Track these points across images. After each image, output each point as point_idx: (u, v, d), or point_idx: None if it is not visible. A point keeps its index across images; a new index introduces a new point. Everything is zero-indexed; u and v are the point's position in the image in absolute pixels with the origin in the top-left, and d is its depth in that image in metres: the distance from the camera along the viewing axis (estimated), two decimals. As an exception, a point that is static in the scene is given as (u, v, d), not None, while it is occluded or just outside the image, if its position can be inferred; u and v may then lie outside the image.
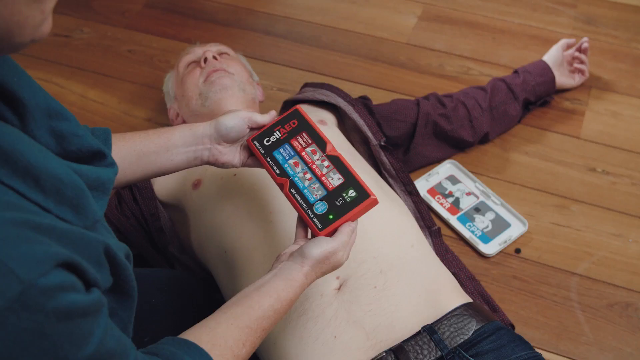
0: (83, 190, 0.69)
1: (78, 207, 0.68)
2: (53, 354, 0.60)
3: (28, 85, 0.73)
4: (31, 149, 0.66)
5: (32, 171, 0.64)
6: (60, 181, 0.67)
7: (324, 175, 0.97)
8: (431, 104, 1.55)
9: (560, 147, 1.61)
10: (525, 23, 1.92)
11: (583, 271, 1.38)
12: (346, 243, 0.93)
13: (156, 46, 1.94)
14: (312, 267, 0.91)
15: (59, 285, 0.60)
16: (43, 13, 0.63)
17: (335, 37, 1.93)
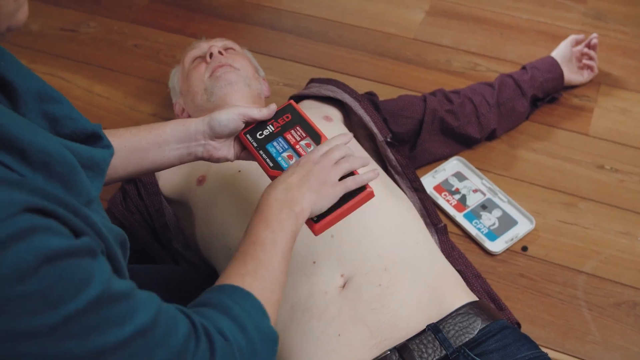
0: (74, 166, 0.68)
1: (69, 183, 0.67)
2: (44, 299, 0.58)
3: (17, 70, 0.73)
4: (15, 122, 0.65)
5: (16, 144, 0.63)
6: (48, 155, 0.65)
7: None
8: (438, 100, 1.54)
9: (569, 144, 1.59)
10: (533, 18, 1.90)
11: (590, 269, 1.37)
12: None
13: (162, 41, 1.94)
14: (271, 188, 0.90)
15: (29, 227, 0.57)
16: (17, 1, 0.63)
17: (342, 32, 1.92)
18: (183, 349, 0.69)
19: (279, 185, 0.91)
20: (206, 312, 0.76)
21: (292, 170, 0.93)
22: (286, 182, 0.91)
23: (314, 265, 1.10)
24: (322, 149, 0.96)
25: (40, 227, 0.59)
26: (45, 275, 0.58)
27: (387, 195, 1.20)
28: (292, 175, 0.92)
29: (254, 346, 0.75)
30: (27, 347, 0.59)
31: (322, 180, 0.91)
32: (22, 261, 0.57)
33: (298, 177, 0.91)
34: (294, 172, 0.92)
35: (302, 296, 1.07)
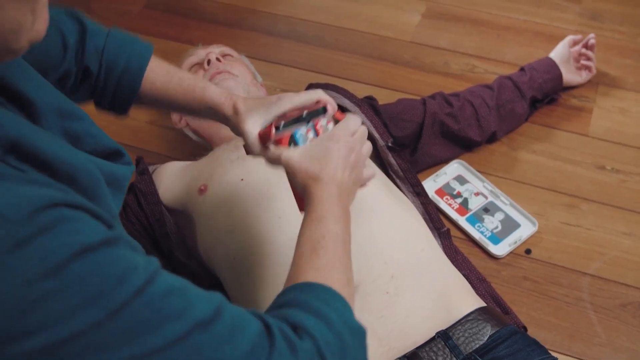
0: (99, 179, 0.67)
1: (94, 196, 0.65)
2: (84, 292, 0.55)
3: (37, 85, 0.71)
4: (39, 134, 0.64)
5: (40, 157, 0.61)
6: (74, 168, 0.64)
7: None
8: (438, 103, 1.53)
9: (569, 145, 1.59)
10: (530, 19, 1.90)
11: (594, 271, 1.36)
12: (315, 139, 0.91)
13: (157, 48, 1.89)
14: (311, 181, 0.85)
15: (58, 219, 0.55)
16: (34, 13, 0.61)
17: (339, 36, 1.91)
18: (255, 348, 0.63)
19: (333, 185, 0.85)
20: (285, 312, 0.70)
21: (331, 157, 0.87)
22: (337, 181, 0.86)
23: (319, 273, 1.09)
24: (350, 126, 0.91)
25: (69, 219, 0.56)
26: (78, 268, 0.55)
27: (391, 202, 1.19)
28: (337, 170, 0.86)
29: (343, 342, 0.69)
30: (71, 348, 0.55)
31: (360, 168, 0.91)
32: (50, 254, 0.54)
33: (341, 165, 0.87)
34: (337, 162, 0.87)
35: None
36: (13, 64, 0.69)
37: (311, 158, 0.87)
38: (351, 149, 0.89)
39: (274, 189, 1.19)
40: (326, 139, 0.89)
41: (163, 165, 1.42)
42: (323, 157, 0.87)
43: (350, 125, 0.91)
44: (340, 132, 0.90)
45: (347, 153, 0.88)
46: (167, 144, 1.67)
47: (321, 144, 0.89)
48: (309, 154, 0.88)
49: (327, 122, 0.95)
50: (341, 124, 0.92)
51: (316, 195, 0.84)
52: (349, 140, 0.89)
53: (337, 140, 0.88)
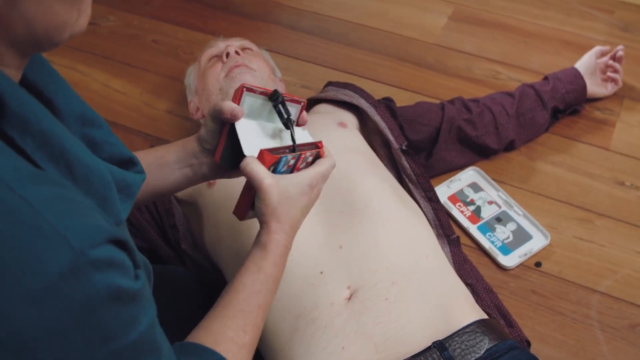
0: (110, 184, 0.69)
1: (105, 200, 0.68)
2: (100, 332, 0.60)
3: (64, 92, 0.73)
4: (67, 135, 0.66)
5: (66, 156, 0.64)
6: (90, 171, 0.66)
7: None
8: (456, 109, 1.51)
9: (588, 158, 1.56)
10: (558, 27, 1.87)
11: (605, 289, 1.34)
12: (297, 176, 0.90)
13: (182, 37, 1.93)
14: (274, 219, 0.87)
15: (109, 260, 0.59)
16: (80, 11, 0.64)
17: (363, 34, 1.89)
18: None
19: (292, 230, 0.90)
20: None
21: (303, 203, 0.91)
22: (296, 221, 0.90)
23: (321, 275, 1.08)
24: (328, 172, 0.95)
25: (116, 263, 0.60)
26: (108, 311, 0.60)
27: (398, 207, 1.18)
28: (304, 215, 0.92)
29: None
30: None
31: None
32: (96, 292, 0.58)
33: (306, 212, 0.92)
34: (306, 209, 0.92)
35: (307, 306, 1.06)
36: (43, 70, 0.72)
37: (288, 198, 0.88)
38: (317, 195, 0.93)
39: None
40: (306, 182, 0.90)
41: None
42: (296, 202, 0.89)
43: (329, 171, 0.94)
44: (321, 178, 0.92)
45: (314, 200, 0.92)
46: (184, 133, 1.67)
47: (300, 185, 0.89)
48: (286, 191, 0.88)
49: (310, 155, 0.93)
50: (322, 168, 0.92)
51: (270, 240, 0.88)
52: (320, 187, 0.93)
53: (313, 186, 0.91)
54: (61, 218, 0.57)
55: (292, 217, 0.88)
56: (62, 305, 0.57)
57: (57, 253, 0.56)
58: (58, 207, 0.58)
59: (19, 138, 0.61)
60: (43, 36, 0.61)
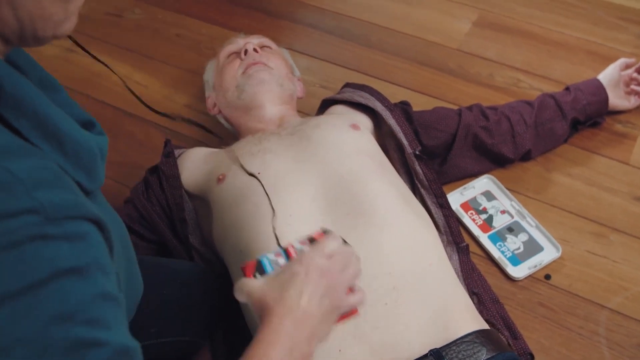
0: (96, 155, 0.73)
1: (91, 171, 0.72)
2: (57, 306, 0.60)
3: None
4: (58, 114, 0.70)
5: (58, 135, 0.68)
6: (80, 146, 0.71)
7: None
8: (473, 115, 1.49)
9: (607, 172, 1.53)
10: (584, 37, 1.84)
11: (615, 306, 1.31)
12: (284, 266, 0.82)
13: (205, 32, 1.94)
14: (263, 311, 0.76)
15: (83, 234, 0.61)
16: (66, 12, 0.68)
17: (384, 37, 1.88)
18: None
19: (290, 314, 0.75)
20: None
21: (295, 282, 0.78)
22: (299, 309, 0.76)
23: (322, 276, 1.08)
24: (326, 247, 0.83)
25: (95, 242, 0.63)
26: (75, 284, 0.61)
27: (405, 213, 1.17)
28: (302, 296, 0.76)
29: None
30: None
31: (338, 295, 0.80)
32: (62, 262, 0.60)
33: (309, 291, 0.77)
34: (301, 287, 0.77)
35: None
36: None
37: (273, 284, 0.78)
38: (324, 272, 0.79)
39: (291, 186, 1.19)
40: (295, 261, 0.80)
41: (189, 149, 1.43)
42: (286, 281, 0.77)
43: (327, 246, 0.82)
44: (312, 253, 0.81)
45: (317, 277, 0.78)
46: (201, 129, 1.68)
47: (288, 268, 0.80)
48: (272, 281, 0.79)
49: (302, 243, 0.86)
50: (314, 246, 0.83)
51: (266, 327, 0.74)
52: (321, 263, 0.80)
53: (306, 263, 0.79)
54: (40, 187, 0.60)
55: (286, 301, 0.76)
56: (25, 268, 0.58)
57: (28, 218, 0.58)
58: (39, 177, 0.61)
59: (14, 119, 0.64)
60: (28, 26, 0.64)
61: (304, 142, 1.27)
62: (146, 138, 1.67)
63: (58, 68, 1.84)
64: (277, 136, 1.31)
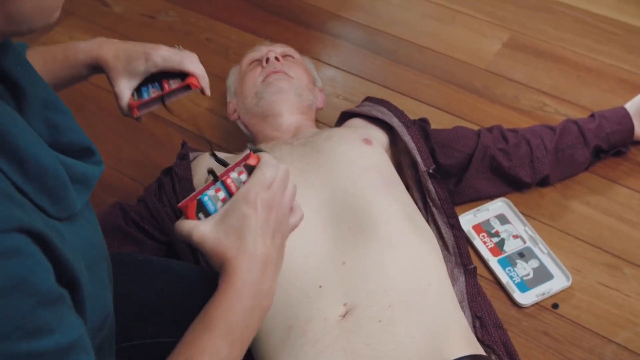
0: (65, 183, 0.70)
1: (57, 198, 0.69)
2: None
3: (30, 76, 0.75)
4: (24, 133, 0.68)
5: (19, 154, 0.65)
6: (45, 171, 0.68)
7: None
8: (492, 137, 1.47)
9: (627, 203, 1.50)
10: (616, 64, 1.80)
11: (622, 341, 1.28)
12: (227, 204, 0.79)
13: (234, 38, 1.96)
14: (223, 262, 0.77)
15: (15, 248, 0.57)
16: (59, 0, 0.67)
17: (413, 52, 1.88)
18: None
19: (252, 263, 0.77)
20: None
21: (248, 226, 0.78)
22: (260, 256, 0.78)
23: (319, 289, 1.08)
24: (266, 178, 0.80)
25: (24, 254, 0.59)
26: (8, 302, 0.57)
27: (409, 231, 1.16)
28: (258, 241, 0.78)
29: None
30: None
31: (284, 223, 0.82)
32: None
33: (261, 233, 0.79)
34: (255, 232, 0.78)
35: (301, 318, 1.05)
36: (11, 52, 0.73)
37: (226, 232, 0.78)
38: (270, 206, 0.79)
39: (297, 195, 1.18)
40: (241, 200, 0.78)
41: (204, 153, 1.45)
42: (240, 228, 0.77)
43: (267, 176, 0.80)
44: (255, 188, 0.79)
45: (266, 215, 0.79)
46: (222, 133, 1.70)
47: (236, 209, 0.78)
48: (223, 227, 0.78)
49: (239, 172, 0.82)
50: (254, 178, 0.80)
51: (231, 279, 0.76)
52: (266, 197, 0.79)
53: (253, 201, 0.78)
54: None
55: (242, 247, 0.78)
56: None
57: None
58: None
59: None
60: (29, 18, 0.63)
61: (315, 154, 1.27)
62: (166, 138, 1.69)
63: (89, 65, 1.88)
64: (289, 146, 1.31)
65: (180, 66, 1.02)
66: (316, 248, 1.12)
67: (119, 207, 1.39)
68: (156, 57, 1.02)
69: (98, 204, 1.41)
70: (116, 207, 1.39)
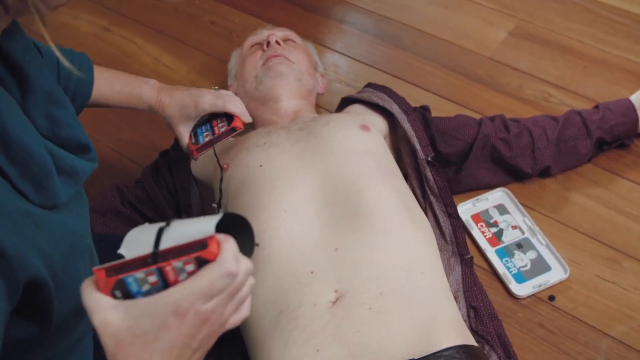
0: (50, 172, 0.71)
1: (40, 186, 0.69)
2: None
3: (38, 68, 0.76)
4: (14, 117, 0.68)
5: (4, 137, 0.66)
6: (29, 155, 0.68)
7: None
8: (494, 126, 1.46)
9: (629, 196, 1.48)
10: (623, 55, 1.78)
11: (618, 335, 1.27)
12: (155, 301, 0.62)
13: (238, 21, 1.94)
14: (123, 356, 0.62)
15: None
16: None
17: (418, 39, 1.86)
18: None
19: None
20: None
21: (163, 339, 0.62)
22: None
23: (311, 274, 1.07)
24: (214, 286, 0.62)
25: None
26: None
27: (403, 219, 1.14)
28: (165, 353, 0.62)
29: None
30: None
31: (212, 340, 0.66)
32: None
33: (176, 354, 0.63)
34: (165, 344, 0.62)
35: (291, 303, 1.05)
36: (23, 43, 0.74)
37: (134, 335, 0.61)
38: (204, 321, 0.63)
39: (290, 182, 1.18)
40: (169, 305, 0.61)
41: (203, 136, 1.44)
42: (153, 339, 0.61)
43: (214, 287, 0.62)
44: (193, 297, 0.61)
45: (194, 331, 0.63)
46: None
47: (158, 313, 0.61)
48: (134, 328, 0.61)
49: (185, 263, 0.62)
50: (198, 282, 0.61)
51: None
52: (203, 310, 0.62)
53: (183, 312, 0.61)
54: None
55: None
56: None
57: None
58: None
59: None
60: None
61: (311, 139, 1.26)
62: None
63: (91, 45, 1.87)
64: (286, 130, 1.30)
65: (224, 109, 1.20)
66: (309, 234, 1.11)
67: (116, 188, 1.39)
68: (204, 104, 1.21)
69: (97, 185, 1.42)
70: (113, 188, 1.39)
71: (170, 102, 1.23)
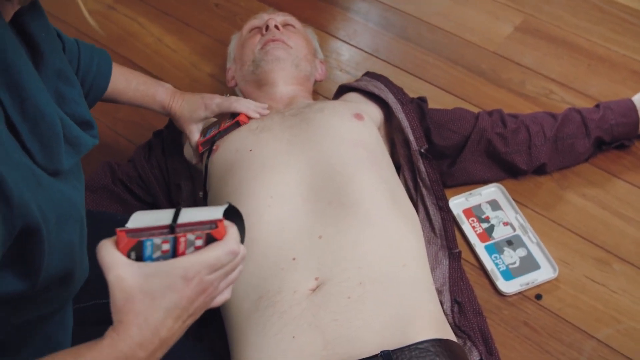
0: (58, 134, 0.74)
1: (47, 146, 0.72)
2: None
3: (52, 45, 0.80)
4: (30, 77, 0.72)
5: (21, 91, 0.69)
6: (42, 114, 0.71)
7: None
8: (491, 121, 1.44)
9: (625, 197, 1.46)
10: (629, 55, 1.75)
11: (603, 337, 1.25)
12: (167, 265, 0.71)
13: (243, 5, 1.93)
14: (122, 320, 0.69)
15: None
16: None
17: (423, 31, 1.84)
18: None
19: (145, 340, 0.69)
20: None
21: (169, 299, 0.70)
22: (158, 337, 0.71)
23: (293, 261, 1.06)
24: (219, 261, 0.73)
25: None
26: None
27: (390, 210, 1.14)
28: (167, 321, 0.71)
29: None
30: None
31: (206, 303, 0.75)
32: None
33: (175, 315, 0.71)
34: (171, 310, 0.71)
35: (271, 289, 1.04)
36: (40, 19, 0.79)
37: (144, 292, 0.69)
38: (203, 290, 0.72)
39: (278, 168, 1.17)
40: (179, 271, 0.70)
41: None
42: (160, 297, 0.69)
43: (219, 261, 0.72)
44: (200, 267, 0.71)
45: (194, 297, 0.72)
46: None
47: (168, 276, 0.70)
48: (145, 285, 0.69)
49: (197, 237, 0.73)
50: (206, 255, 0.72)
51: (113, 343, 0.68)
52: (205, 280, 0.72)
53: (190, 279, 0.70)
54: None
55: (150, 320, 0.69)
56: None
57: None
58: None
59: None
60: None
61: (304, 125, 1.25)
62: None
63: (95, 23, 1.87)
64: (280, 115, 1.30)
65: (231, 108, 1.28)
66: (294, 220, 1.10)
67: (108, 166, 1.39)
68: (212, 105, 1.29)
69: (92, 162, 1.42)
70: (105, 166, 1.39)
71: (182, 104, 1.29)
